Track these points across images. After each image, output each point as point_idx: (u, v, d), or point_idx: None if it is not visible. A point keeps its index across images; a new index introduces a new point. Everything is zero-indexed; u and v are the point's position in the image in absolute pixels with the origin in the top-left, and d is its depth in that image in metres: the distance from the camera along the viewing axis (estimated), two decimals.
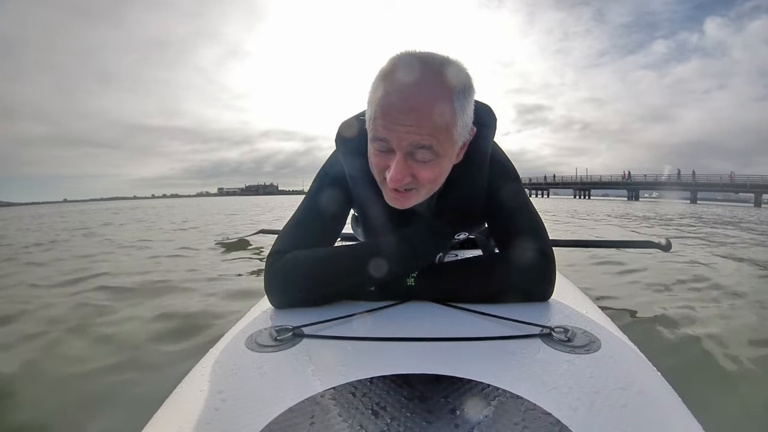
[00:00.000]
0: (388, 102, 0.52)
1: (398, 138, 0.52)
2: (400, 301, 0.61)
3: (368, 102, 0.57)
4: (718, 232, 4.60)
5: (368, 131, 0.57)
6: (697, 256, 2.88)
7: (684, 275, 2.22)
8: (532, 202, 0.69)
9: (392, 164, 0.54)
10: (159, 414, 0.39)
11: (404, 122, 0.51)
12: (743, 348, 1.23)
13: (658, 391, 0.40)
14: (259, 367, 0.42)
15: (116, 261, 3.10)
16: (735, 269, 2.45)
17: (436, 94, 0.52)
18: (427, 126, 0.51)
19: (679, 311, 1.61)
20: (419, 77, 0.51)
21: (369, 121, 0.56)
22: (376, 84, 0.55)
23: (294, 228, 0.67)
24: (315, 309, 0.59)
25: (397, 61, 0.54)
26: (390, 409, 0.33)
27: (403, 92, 0.51)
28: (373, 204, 0.67)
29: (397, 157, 0.53)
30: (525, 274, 0.61)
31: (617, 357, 0.44)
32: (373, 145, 0.56)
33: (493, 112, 0.66)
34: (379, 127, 0.53)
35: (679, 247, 3.25)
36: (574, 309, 0.59)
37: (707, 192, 32.37)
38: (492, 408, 0.34)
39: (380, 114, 0.52)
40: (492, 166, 0.67)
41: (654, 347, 1.24)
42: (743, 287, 1.97)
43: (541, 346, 0.45)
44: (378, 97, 0.53)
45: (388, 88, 0.52)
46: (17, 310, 1.78)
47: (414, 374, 0.39)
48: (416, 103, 0.51)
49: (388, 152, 0.55)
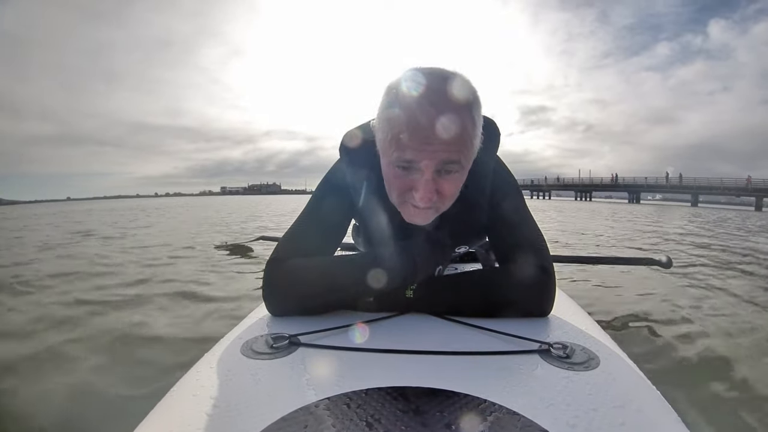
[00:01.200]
0: (412, 122, 0.51)
1: (429, 158, 0.52)
2: (398, 313, 0.61)
3: (382, 121, 0.55)
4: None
5: (385, 152, 0.56)
6: (697, 273, 2.86)
7: (684, 292, 2.21)
8: (532, 216, 0.69)
9: (419, 184, 0.54)
10: (149, 417, 0.38)
11: (433, 141, 0.51)
12: (744, 367, 1.22)
13: (656, 409, 0.40)
14: (254, 374, 0.42)
15: (115, 266, 3.10)
16: (738, 285, 2.43)
17: (458, 109, 0.51)
18: (455, 142, 0.51)
19: (679, 329, 1.59)
20: (438, 93, 0.51)
21: (386, 142, 0.54)
22: (392, 104, 0.53)
23: (294, 236, 0.67)
24: (312, 318, 0.59)
25: (411, 79, 0.53)
26: (384, 422, 0.33)
27: (426, 111, 0.50)
28: (375, 215, 0.67)
29: (426, 177, 0.53)
30: (525, 290, 0.61)
31: (616, 374, 0.44)
32: (395, 168, 0.55)
33: (496, 125, 0.67)
34: (407, 150, 0.52)
35: (680, 261, 3.23)
36: (573, 325, 0.59)
37: (711, 195, 31.65)
38: (488, 423, 0.33)
39: (407, 137, 0.51)
40: (494, 179, 0.67)
41: (653, 365, 1.23)
42: (746, 305, 1.96)
43: (540, 362, 0.45)
44: (398, 118, 0.52)
45: (408, 108, 0.51)
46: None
47: (410, 387, 0.39)
48: (442, 120, 0.50)
49: (411, 171, 0.54)
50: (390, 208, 0.66)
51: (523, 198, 0.72)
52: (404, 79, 0.54)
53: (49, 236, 5.47)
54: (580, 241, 4.82)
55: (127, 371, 1.19)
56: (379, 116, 0.57)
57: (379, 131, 0.57)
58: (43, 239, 5.07)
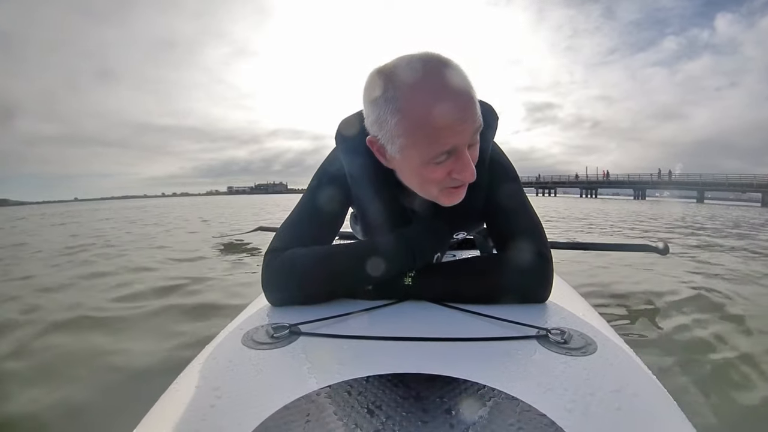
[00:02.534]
0: (442, 111, 0.50)
1: (463, 136, 0.52)
2: (397, 300, 0.61)
3: (392, 119, 0.52)
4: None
5: (413, 156, 0.54)
6: (694, 260, 2.89)
7: (681, 279, 2.23)
8: (530, 202, 0.69)
9: (459, 164, 0.53)
10: (154, 409, 0.39)
11: (463, 119, 0.51)
12: (740, 352, 1.24)
13: (652, 394, 0.40)
14: (255, 365, 0.42)
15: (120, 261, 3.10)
16: (734, 272, 2.46)
17: (465, 80, 0.52)
18: (474, 110, 0.52)
19: (675, 315, 1.61)
20: (446, 72, 0.51)
21: (411, 146, 0.53)
22: (405, 107, 0.51)
23: (292, 225, 0.67)
24: (312, 307, 0.59)
25: (414, 65, 0.51)
26: (385, 409, 0.33)
27: (446, 93, 0.50)
28: (372, 202, 0.67)
29: (464, 153, 0.53)
30: (522, 276, 0.62)
31: (613, 359, 0.44)
32: (433, 163, 0.53)
33: (494, 110, 0.66)
34: (446, 139, 0.51)
35: (677, 249, 3.26)
36: (571, 311, 0.59)
37: (720, 191, 31.27)
38: (487, 409, 0.34)
39: (443, 128, 0.50)
40: (491, 165, 0.67)
41: (649, 350, 1.25)
42: (742, 291, 1.98)
43: (537, 347, 0.46)
44: (428, 117, 0.50)
45: (432, 96, 0.50)
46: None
47: (410, 374, 0.39)
48: (461, 95, 0.51)
49: (448, 156, 0.53)
50: (387, 196, 0.66)
51: (521, 184, 0.72)
52: (410, 66, 0.52)
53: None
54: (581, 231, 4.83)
55: (123, 364, 1.20)
56: (380, 117, 0.54)
57: (389, 132, 0.54)
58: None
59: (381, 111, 0.53)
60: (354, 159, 0.66)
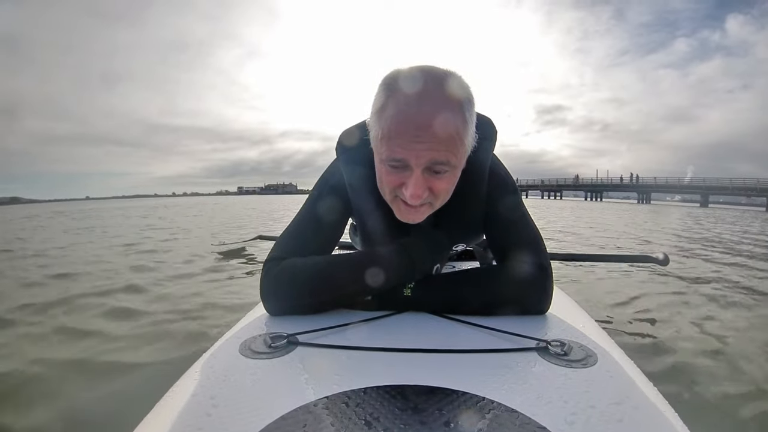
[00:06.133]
0: (402, 120, 0.51)
1: (417, 156, 0.51)
2: (396, 311, 0.61)
3: (374, 118, 0.55)
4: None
5: (378, 150, 0.56)
6: (695, 270, 2.87)
7: (681, 290, 2.22)
8: (530, 214, 0.69)
9: (409, 181, 0.53)
10: (149, 418, 0.38)
11: (422, 139, 0.50)
12: (740, 364, 1.23)
13: (654, 406, 0.40)
14: (253, 374, 0.42)
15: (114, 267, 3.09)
16: (735, 283, 2.45)
17: (449, 107, 0.51)
18: (444, 141, 0.51)
19: (675, 326, 1.60)
20: (430, 92, 0.51)
21: (378, 140, 0.55)
22: (383, 101, 0.53)
23: (292, 235, 0.67)
24: (310, 317, 0.59)
25: (402, 76, 0.53)
26: (383, 420, 0.33)
27: (416, 109, 0.50)
28: (372, 213, 0.67)
29: (416, 174, 0.53)
30: (522, 287, 0.61)
31: (613, 371, 0.44)
32: (386, 165, 0.55)
33: (493, 124, 0.67)
34: (395, 147, 0.52)
35: (677, 259, 3.25)
36: (571, 323, 0.59)
37: (729, 196, 30.98)
38: (486, 421, 0.33)
39: (395, 134, 0.51)
40: (491, 178, 0.67)
41: (651, 362, 1.23)
42: (742, 302, 1.97)
43: (537, 359, 0.45)
44: (389, 116, 0.52)
45: (399, 106, 0.51)
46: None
47: (408, 385, 0.39)
48: (432, 119, 0.50)
49: (402, 169, 0.54)
50: (387, 207, 0.66)
51: (521, 196, 0.72)
52: (397, 77, 0.53)
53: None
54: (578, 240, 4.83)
55: (123, 371, 1.19)
56: (372, 113, 0.57)
57: (372, 128, 0.57)
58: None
59: (373, 105, 0.56)
60: (354, 169, 0.66)
